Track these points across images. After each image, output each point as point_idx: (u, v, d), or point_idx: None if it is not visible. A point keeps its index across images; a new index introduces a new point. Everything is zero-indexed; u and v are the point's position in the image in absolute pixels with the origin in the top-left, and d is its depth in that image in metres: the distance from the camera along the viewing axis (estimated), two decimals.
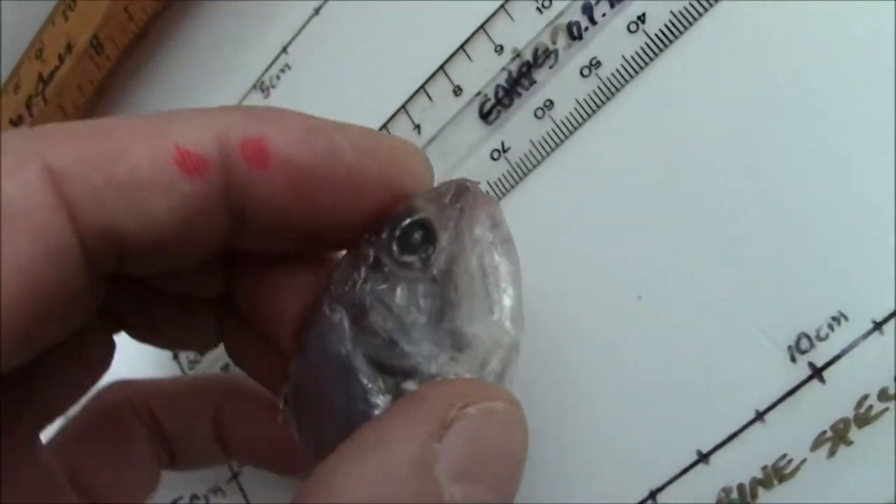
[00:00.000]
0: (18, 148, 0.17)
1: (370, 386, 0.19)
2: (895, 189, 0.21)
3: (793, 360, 0.22)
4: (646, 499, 0.23)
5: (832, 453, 0.21)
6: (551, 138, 0.25)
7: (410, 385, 0.19)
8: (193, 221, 0.18)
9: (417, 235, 0.20)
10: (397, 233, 0.20)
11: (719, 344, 0.23)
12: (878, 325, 0.21)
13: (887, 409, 0.21)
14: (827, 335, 0.22)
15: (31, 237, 0.16)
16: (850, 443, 0.21)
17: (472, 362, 0.19)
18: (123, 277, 0.20)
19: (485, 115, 0.27)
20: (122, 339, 0.24)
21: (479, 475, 0.17)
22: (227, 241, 0.20)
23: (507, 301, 0.20)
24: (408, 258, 0.19)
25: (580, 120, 0.25)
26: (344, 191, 0.19)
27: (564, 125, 0.25)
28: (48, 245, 0.17)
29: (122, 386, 0.26)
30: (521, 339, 0.20)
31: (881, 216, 0.22)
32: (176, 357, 0.33)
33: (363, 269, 0.20)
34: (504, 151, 0.26)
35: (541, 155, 0.26)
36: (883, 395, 0.21)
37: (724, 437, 0.23)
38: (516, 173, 0.26)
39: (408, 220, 0.20)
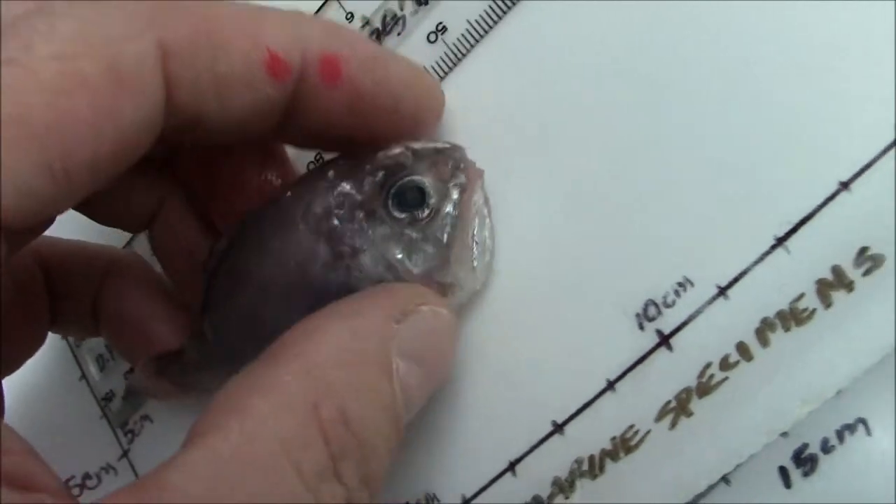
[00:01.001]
0: (138, 14, 0.18)
1: None
2: (738, 153, 0.21)
3: (641, 327, 0.22)
4: (505, 470, 0.23)
5: (674, 425, 0.21)
6: None
7: None
8: (259, 117, 0.20)
9: (412, 196, 0.22)
10: (393, 190, 0.22)
11: (570, 312, 0.22)
12: (722, 291, 0.21)
13: (727, 378, 0.20)
14: (673, 301, 0.21)
15: (135, 106, 0.17)
16: (690, 414, 0.21)
17: (451, 303, 0.22)
18: None
19: None
20: None
21: (418, 359, 0.20)
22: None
23: (487, 258, 0.23)
24: (401, 214, 0.22)
25: None
26: (384, 116, 0.21)
27: None
28: (143, 117, 0.18)
29: None
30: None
31: (724, 181, 0.21)
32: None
33: (347, 207, 0.22)
34: None
35: None
36: (724, 363, 0.20)
37: (578, 407, 0.22)
38: None
39: (406, 180, 0.22)
